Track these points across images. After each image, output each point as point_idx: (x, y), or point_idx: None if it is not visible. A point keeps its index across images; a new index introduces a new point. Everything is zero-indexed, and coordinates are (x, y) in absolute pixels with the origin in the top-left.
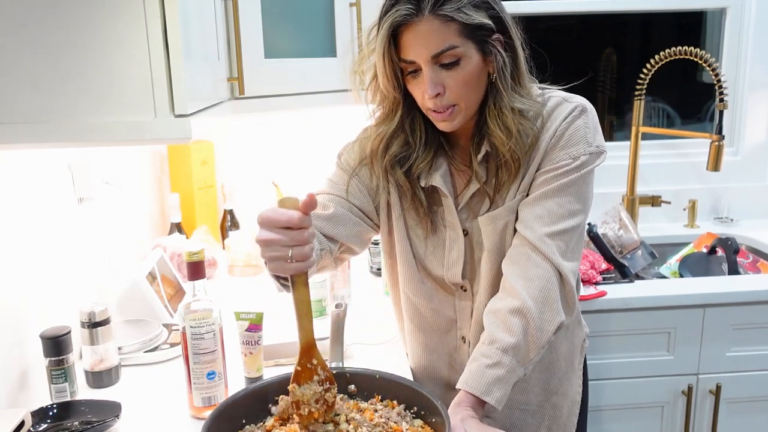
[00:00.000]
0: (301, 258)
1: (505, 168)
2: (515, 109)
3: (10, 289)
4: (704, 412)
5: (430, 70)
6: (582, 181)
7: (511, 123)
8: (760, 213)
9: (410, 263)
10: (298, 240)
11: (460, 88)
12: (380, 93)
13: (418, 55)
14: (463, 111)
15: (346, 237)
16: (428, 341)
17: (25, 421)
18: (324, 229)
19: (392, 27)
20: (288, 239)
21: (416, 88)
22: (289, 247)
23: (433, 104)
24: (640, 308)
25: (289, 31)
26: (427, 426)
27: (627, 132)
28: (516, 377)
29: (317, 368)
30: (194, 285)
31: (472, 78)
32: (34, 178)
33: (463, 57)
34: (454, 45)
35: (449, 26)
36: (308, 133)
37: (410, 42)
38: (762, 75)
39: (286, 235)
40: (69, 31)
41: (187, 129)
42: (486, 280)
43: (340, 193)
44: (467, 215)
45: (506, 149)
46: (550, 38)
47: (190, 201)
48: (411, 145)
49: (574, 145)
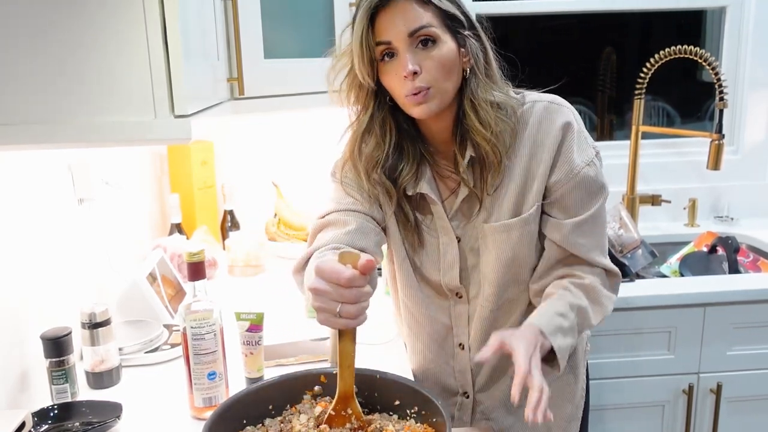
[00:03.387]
0: (347, 316)
1: (488, 164)
2: (492, 102)
3: (10, 289)
4: (705, 412)
5: (408, 48)
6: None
7: (488, 117)
8: (760, 212)
9: (407, 269)
10: (346, 298)
11: (437, 70)
12: (354, 87)
13: (395, 35)
14: (438, 94)
15: (372, 248)
16: (425, 349)
17: (25, 422)
18: (355, 243)
19: (370, 8)
20: (337, 295)
21: (392, 73)
22: (338, 302)
23: (410, 86)
24: (641, 307)
25: (288, 31)
26: (427, 426)
27: (627, 131)
28: (572, 339)
29: (351, 417)
30: (194, 285)
31: (447, 62)
32: (34, 179)
33: (439, 39)
34: (430, 23)
35: (426, 8)
36: (308, 133)
37: (387, 22)
38: (762, 74)
39: (336, 290)
40: (69, 32)
41: (187, 129)
42: (489, 286)
43: (351, 206)
44: (459, 221)
45: (487, 142)
46: (550, 38)
47: (190, 201)
48: (380, 146)
49: (581, 152)
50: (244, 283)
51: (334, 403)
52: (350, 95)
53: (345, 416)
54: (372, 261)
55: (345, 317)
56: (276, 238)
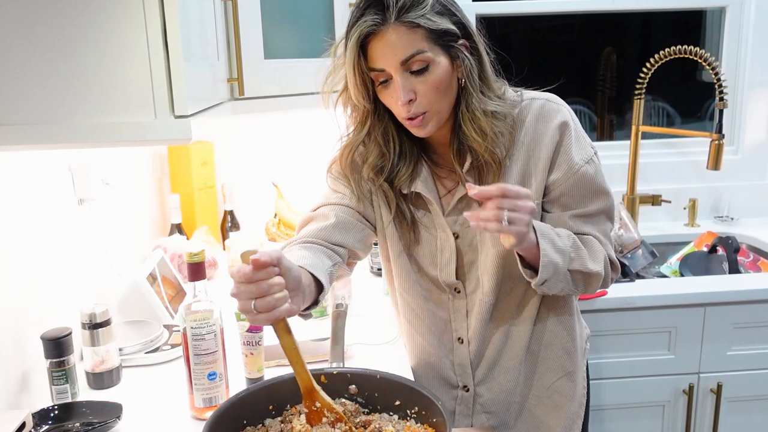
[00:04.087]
0: (264, 309)
1: (487, 169)
2: (487, 111)
3: (11, 290)
4: (705, 411)
5: (401, 77)
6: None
7: (485, 125)
8: (760, 212)
9: (404, 265)
10: (254, 293)
11: (432, 94)
12: (350, 103)
13: (387, 63)
14: (435, 116)
15: (352, 243)
16: (425, 342)
17: (26, 423)
18: (331, 237)
19: (360, 37)
20: (248, 293)
21: (388, 97)
22: (250, 299)
23: (406, 111)
24: (641, 307)
25: (288, 31)
26: (427, 426)
27: (627, 131)
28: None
29: (323, 410)
30: (195, 286)
31: (442, 83)
32: (34, 180)
33: (432, 62)
34: (421, 50)
35: (415, 32)
36: (308, 134)
37: (379, 51)
38: (761, 74)
39: (245, 289)
40: (69, 33)
41: (187, 130)
42: (487, 281)
43: (338, 200)
44: (456, 219)
45: (483, 150)
46: (550, 38)
47: (190, 202)
48: (386, 156)
49: (580, 149)
50: None
51: (303, 400)
52: (346, 110)
53: (317, 411)
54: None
55: (261, 311)
56: (276, 239)
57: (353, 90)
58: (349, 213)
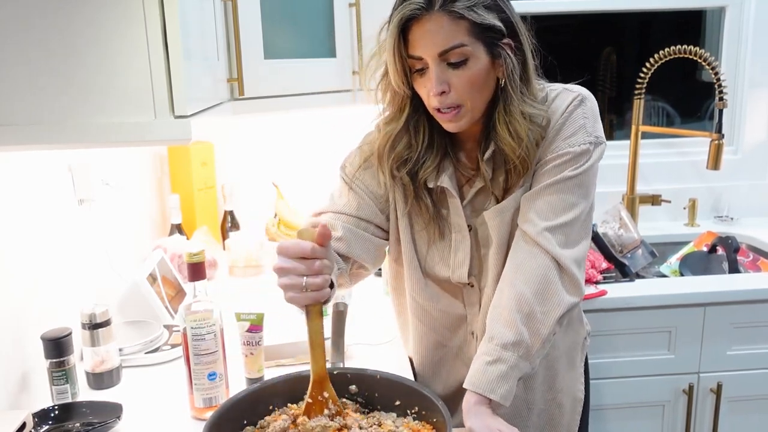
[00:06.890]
0: (314, 288)
1: (515, 173)
2: (525, 114)
3: (11, 290)
4: (705, 411)
5: (437, 67)
6: (584, 175)
7: (521, 129)
8: (760, 211)
9: (415, 266)
10: (311, 270)
11: (466, 88)
12: (390, 90)
13: (425, 52)
14: (470, 112)
15: (358, 255)
16: (439, 338)
17: (26, 423)
18: (336, 249)
19: (402, 21)
20: (302, 269)
21: (422, 86)
22: (303, 276)
23: (437, 102)
24: (641, 307)
25: (288, 31)
26: (427, 426)
27: (627, 131)
28: (520, 372)
29: (328, 402)
30: (195, 286)
31: (478, 79)
32: (34, 180)
33: (471, 57)
34: (462, 43)
35: (459, 24)
36: (308, 134)
37: (418, 37)
38: (761, 74)
39: (300, 265)
40: (69, 33)
41: (187, 130)
42: (494, 273)
43: (346, 209)
44: (470, 212)
45: (516, 156)
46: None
47: (190, 202)
48: (413, 147)
49: (572, 134)
50: (245, 284)
51: (310, 389)
52: (385, 97)
53: (322, 401)
54: (326, 229)
55: (312, 290)
56: (276, 239)
57: (393, 74)
58: (354, 223)
